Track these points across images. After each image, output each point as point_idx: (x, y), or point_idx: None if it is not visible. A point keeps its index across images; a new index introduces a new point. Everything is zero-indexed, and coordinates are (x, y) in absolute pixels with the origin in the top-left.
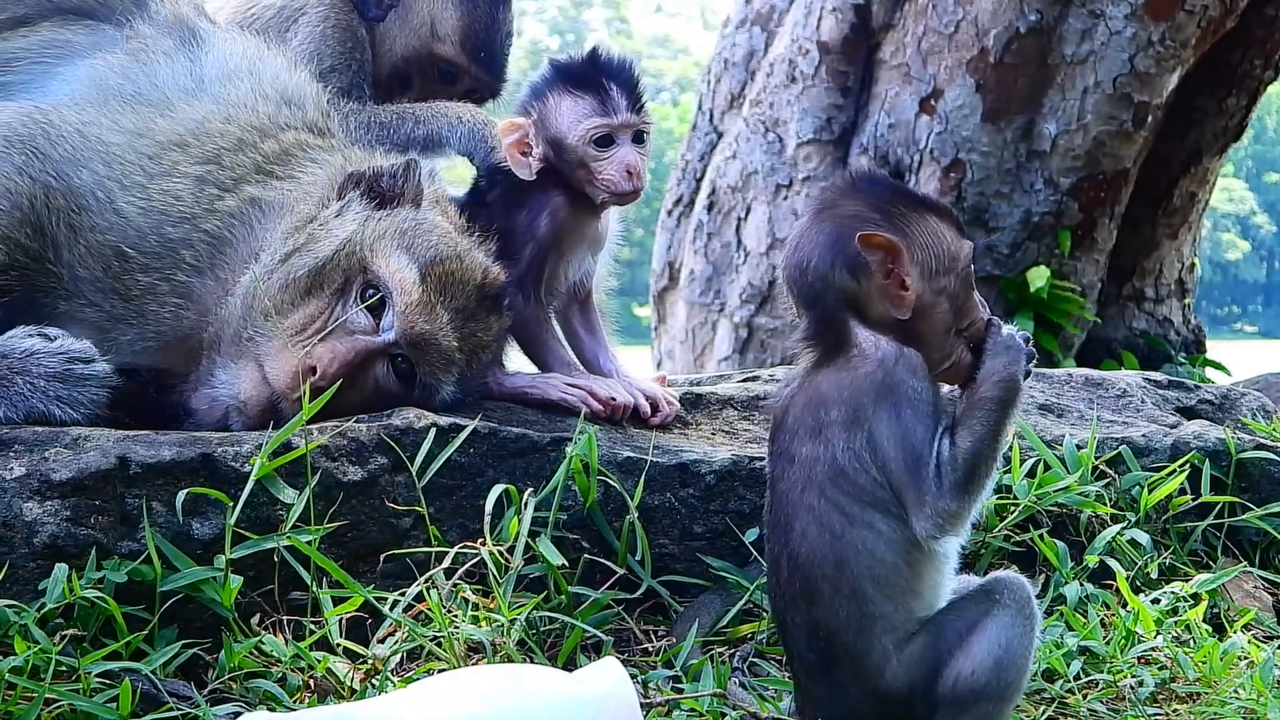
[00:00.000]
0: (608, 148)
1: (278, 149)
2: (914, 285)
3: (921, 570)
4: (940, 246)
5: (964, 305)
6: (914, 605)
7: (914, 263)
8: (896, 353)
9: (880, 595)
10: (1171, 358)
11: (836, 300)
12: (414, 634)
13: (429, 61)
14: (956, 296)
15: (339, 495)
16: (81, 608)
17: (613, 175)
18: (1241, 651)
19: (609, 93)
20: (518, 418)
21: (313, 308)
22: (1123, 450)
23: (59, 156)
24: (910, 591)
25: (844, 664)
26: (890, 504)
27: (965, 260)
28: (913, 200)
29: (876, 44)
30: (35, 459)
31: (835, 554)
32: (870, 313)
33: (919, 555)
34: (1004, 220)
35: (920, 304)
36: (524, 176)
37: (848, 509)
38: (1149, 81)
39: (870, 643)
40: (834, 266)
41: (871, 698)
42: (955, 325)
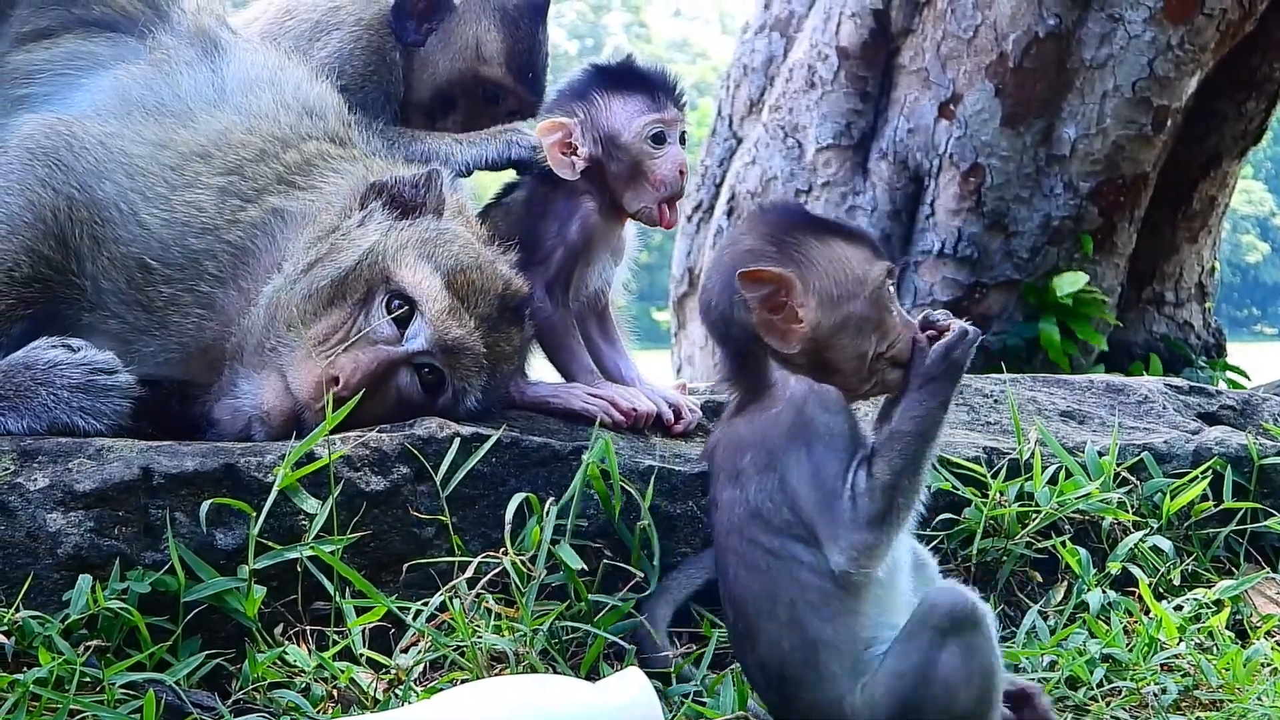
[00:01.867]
0: (661, 145)
1: (300, 159)
2: (810, 316)
3: (859, 591)
4: (842, 272)
5: (880, 328)
6: (858, 626)
7: (810, 292)
8: (806, 390)
9: (818, 620)
10: (1192, 361)
11: (742, 338)
12: (437, 644)
13: (474, 83)
14: (868, 320)
15: (362, 505)
16: (105, 618)
17: (668, 172)
18: (1265, 658)
19: (656, 90)
20: (540, 427)
21: (335, 318)
22: (1144, 457)
23: (82, 168)
24: (851, 612)
25: (801, 699)
26: (808, 536)
27: (875, 282)
28: (814, 227)
29: (895, 49)
30: (59, 470)
31: (766, 589)
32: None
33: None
34: (1023, 225)
35: (820, 334)
36: (567, 176)
37: (768, 545)
38: (1168, 85)
39: (819, 671)
40: (730, 304)
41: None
42: (874, 349)
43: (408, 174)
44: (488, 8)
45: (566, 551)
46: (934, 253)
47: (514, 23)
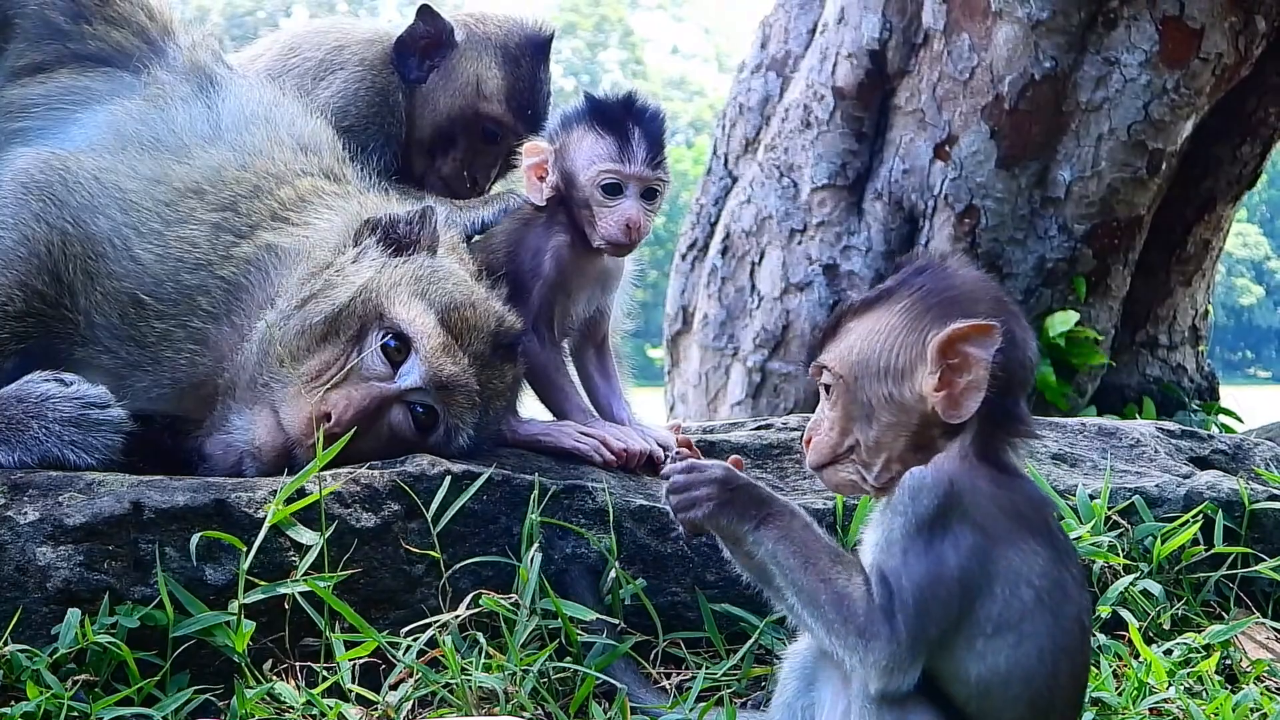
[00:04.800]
0: (615, 196)
1: (294, 195)
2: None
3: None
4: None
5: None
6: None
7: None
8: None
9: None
10: (1185, 405)
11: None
12: (426, 680)
13: (474, 121)
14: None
15: (352, 541)
16: (94, 653)
17: (609, 226)
18: (1254, 704)
19: (630, 140)
20: (531, 465)
21: (328, 354)
22: (1136, 500)
23: (76, 203)
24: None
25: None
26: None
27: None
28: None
29: (891, 90)
30: (49, 504)
31: None
32: None
33: None
34: (1018, 266)
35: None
36: (535, 201)
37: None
38: (1163, 129)
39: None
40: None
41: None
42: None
43: (402, 211)
44: (489, 46)
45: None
46: None
47: (515, 60)
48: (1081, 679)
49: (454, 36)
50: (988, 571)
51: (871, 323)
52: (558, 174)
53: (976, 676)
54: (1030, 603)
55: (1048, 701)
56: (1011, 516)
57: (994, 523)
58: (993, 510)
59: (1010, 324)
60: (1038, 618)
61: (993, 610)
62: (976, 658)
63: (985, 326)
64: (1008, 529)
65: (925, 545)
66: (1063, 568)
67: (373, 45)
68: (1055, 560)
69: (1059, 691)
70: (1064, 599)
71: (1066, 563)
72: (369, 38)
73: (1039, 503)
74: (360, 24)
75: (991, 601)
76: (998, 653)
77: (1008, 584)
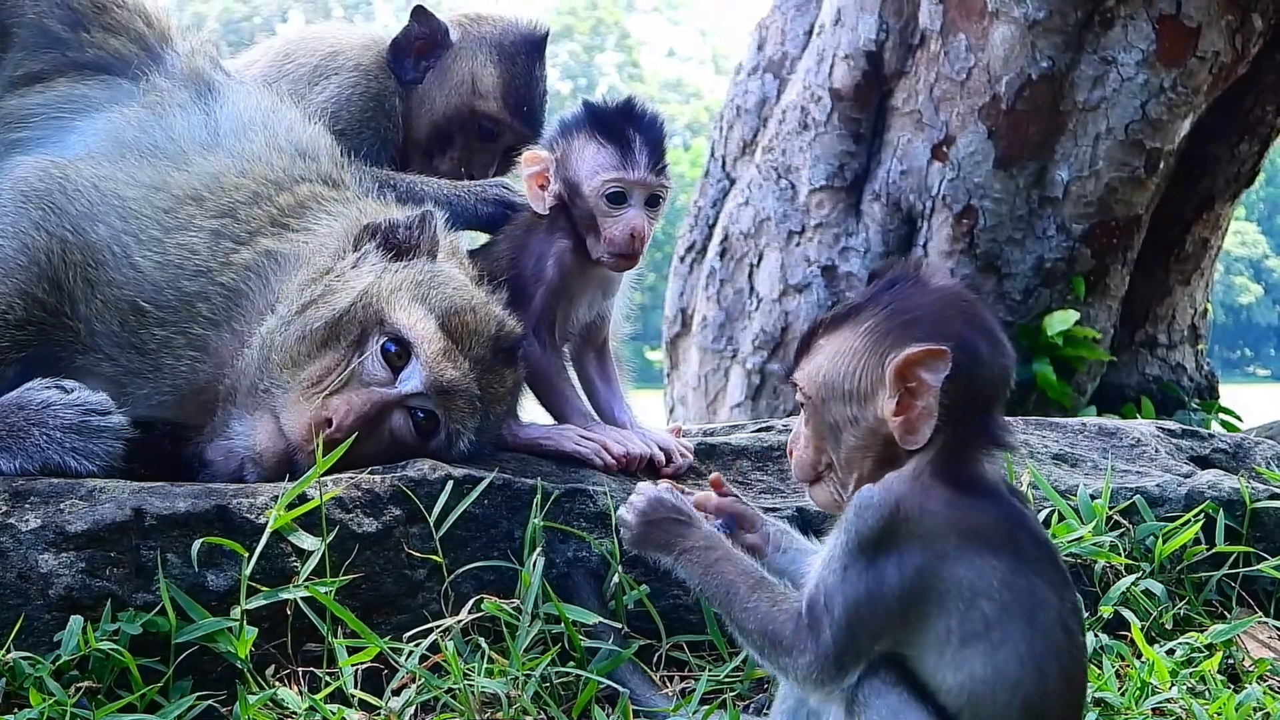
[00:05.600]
0: (619, 205)
1: (292, 201)
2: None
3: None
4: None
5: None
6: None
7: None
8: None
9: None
10: (1184, 404)
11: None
12: (429, 685)
13: (470, 119)
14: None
15: (354, 547)
16: (96, 659)
17: (616, 235)
18: (1257, 703)
19: (632, 147)
20: (532, 469)
21: (329, 359)
22: (1137, 500)
23: (76, 211)
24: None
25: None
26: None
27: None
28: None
29: (889, 91)
30: (51, 511)
31: None
32: None
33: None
34: (1016, 266)
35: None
36: (537, 209)
37: None
38: (1161, 128)
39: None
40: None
41: None
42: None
43: (401, 216)
44: (484, 44)
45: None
46: None
47: (510, 58)
48: (1077, 681)
49: (449, 36)
50: (936, 589)
51: (839, 342)
52: (560, 182)
53: (958, 685)
54: (993, 614)
55: (1040, 705)
56: (964, 534)
57: (942, 541)
58: (941, 529)
59: (973, 341)
60: (1008, 626)
61: (951, 624)
62: (951, 667)
63: (937, 351)
64: (959, 546)
65: (867, 563)
66: (1030, 576)
67: (368, 50)
68: (1017, 571)
69: (1052, 695)
70: (1036, 605)
71: (1036, 570)
72: (364, 43)
73: (1001, 518)
74: (355, 29)
75: (948, 615)
76: (973, 660)
77: (961, 599)
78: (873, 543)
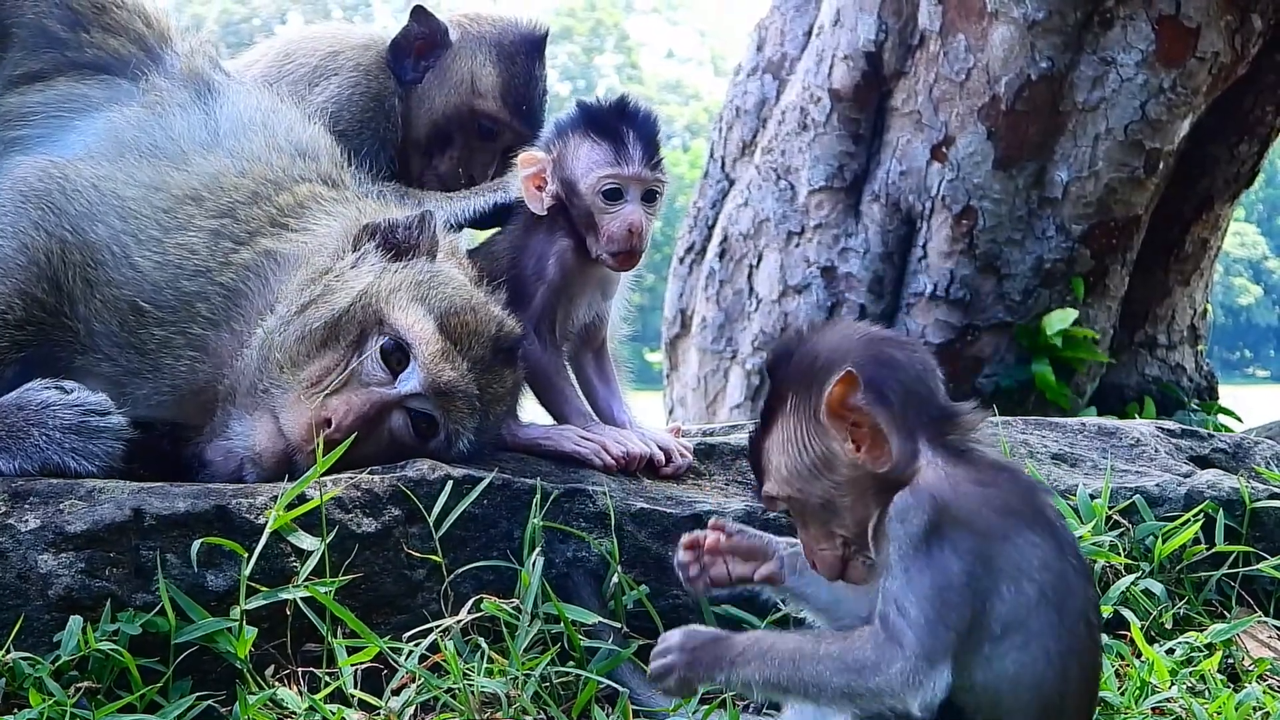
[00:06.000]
0: (616, 201)
1: (292, 201)
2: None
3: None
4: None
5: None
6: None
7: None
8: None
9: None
10: (1184, 404)
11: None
12: (429, 685)
13: (470, 118)
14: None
15: (353, 547)
16: (96, 660)
17: (615, 231)
18: (1257, 702)
19: (626, 144)
20: (531, 469)
21: (328, 360)
22: (1136, 500)
23: (75, 211)
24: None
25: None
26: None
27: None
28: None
29: (888, 91)
30: (50, 511)
31: None
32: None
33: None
34: (1016, 267)
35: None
36: (535, 210)
37: None
38: (1160, 128)
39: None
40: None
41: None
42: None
43: (401, 216)
44: (483, 44)
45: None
46: (926, 295)
47: (509, 58)
48: (1092, 682)
49: (448, 36)
50: (992, 570)
51: (777, 436)
52: (557, 182)
53: (983, 684)
54: (1034, 598)
55: (1059, 707)
56: (1003, 512)
57: (987, 521)
58: (982, 509)
59: (873, 350)
60: (1042, 615)
61: (1001, 610)
62: (983, 663)
63: (844, 377)
64: (1002, 525)
65: (925, 559)
66: (1064, 559)
67: (367, 50)
68: (1057, 552)
69: (1070, 697)
70: (1068, 593)
71: (1067, 553)
72: (363, 43)
73: (1027, 489)
74: (355, 30)
75: (1000, 601)
76: (1004, 657)
77: (1012, 581)
78: (924, 538)
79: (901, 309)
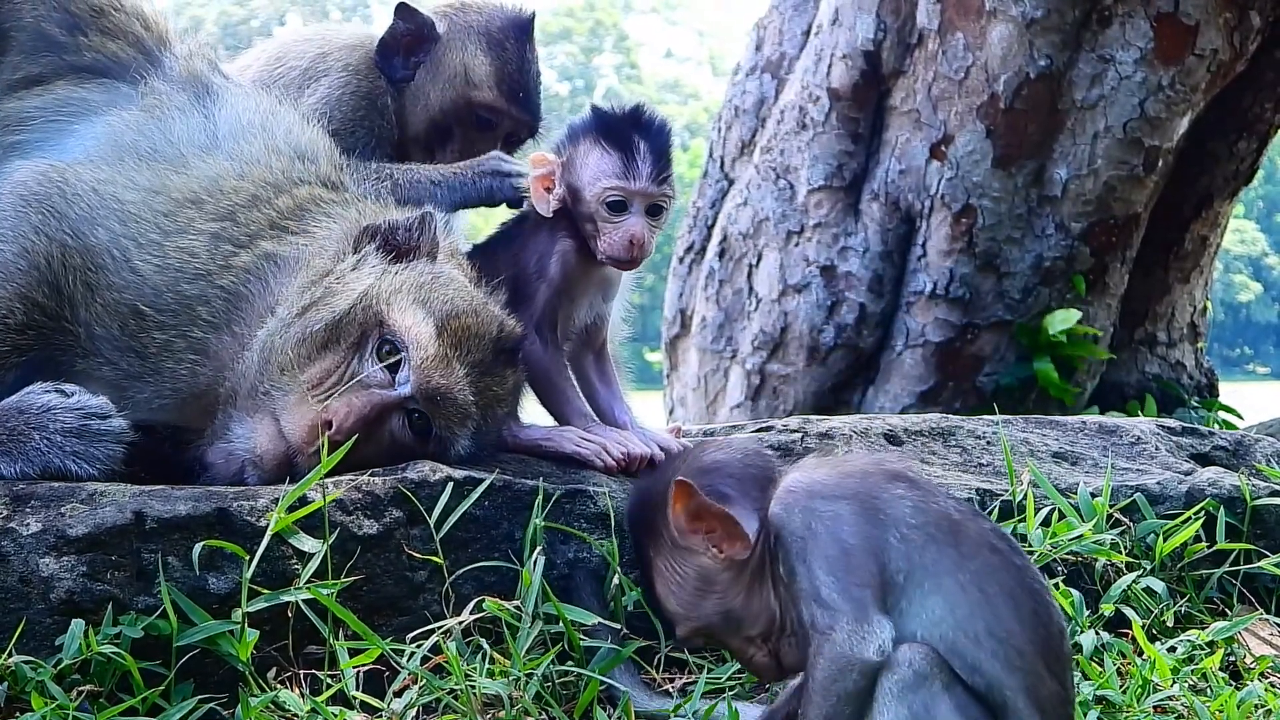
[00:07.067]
0: (620, 213)
1: (292, 204)
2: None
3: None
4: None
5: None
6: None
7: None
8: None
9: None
10: (1184, 402)
11: None
12: (431, 687)
13: (468, 110)
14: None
15: (355, 549)
16: (98, 663)
17: (614, 243)
18: (1259, 700)
19: (635, 156)
20: (532, 470)
21: (329, 362)
22: (1137, 498)
23: (75, 215)
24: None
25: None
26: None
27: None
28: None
29: (887, 90)
30: (51, 514)
31: None
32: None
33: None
34: (1015, 265)
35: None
36: (542, 212)
37: None
38: (1159, 126)
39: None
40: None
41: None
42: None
43: (401, 217)
44: (472, 34)
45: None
46: (926, 294)
47: (500, 45)
48: (1038, 601)
49: (435, 30)
50: (876, 523)
51: (659, 584)
52: (564, 187)
53: (925, 635)
54: (921, 541)
55: (1004, 632)
56: (861, 476)
57: (851, 487)
58: (843, 480)
59: (694, 460)
60: (935, 553)
61: (898, 560)
62: (910, 616)
63: (678, 493)
64: (866, 485)
65: (814, 541)
66: (938, 501)
67: (355, 50)
68: (928, 496)
69: (1023, 622)
70: (955, 529)
71: (940, 497)
72: (351, 43)
73: (877, 459)
74: (343, 30)
75: (893, 551)
76: (923, 601)
77: (894, 529)
78: (805, 525)
79: (901, 308)
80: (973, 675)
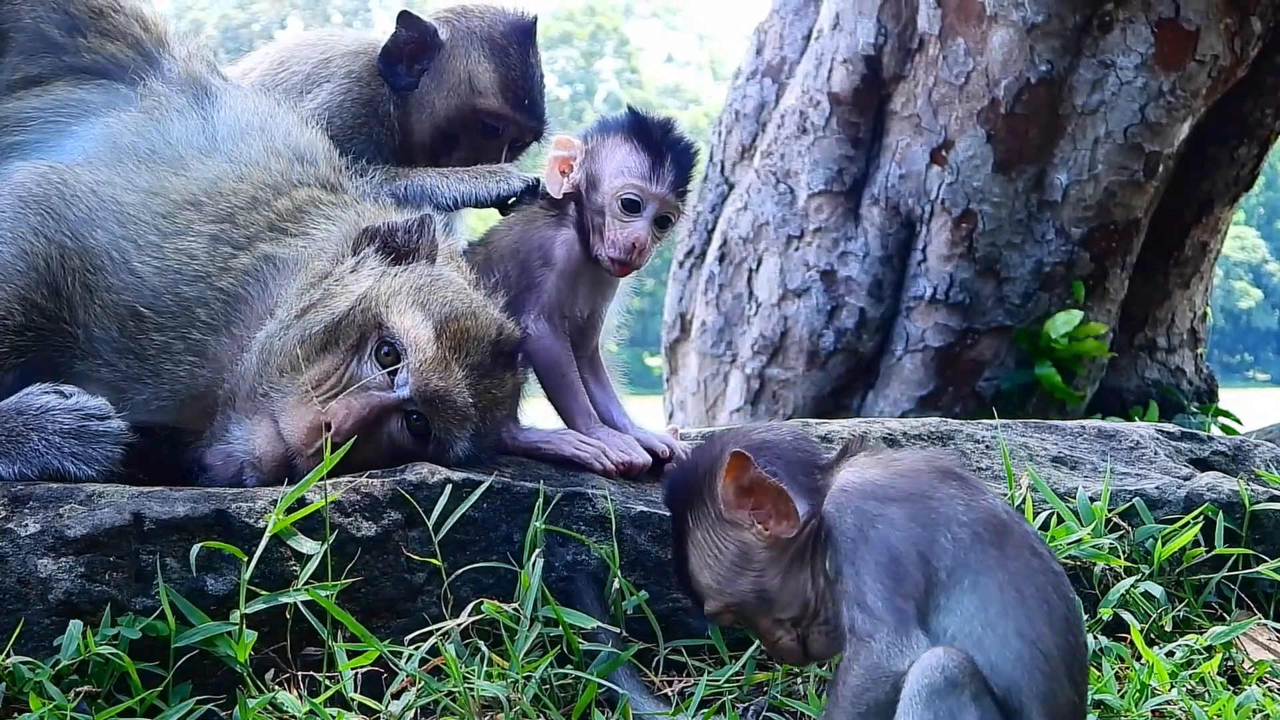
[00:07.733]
0: (631, 213)
1: (291, 206)
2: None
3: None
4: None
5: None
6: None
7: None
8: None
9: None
10: (1184, 407)
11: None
12: (429, 689)
13: (473, 117)
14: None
15: (353, 550)
16: (96, 664)
17: (617, 241)
18: (1257, 705)
19: (663, 162)
20: (531, 472)
21: (328, 364)
22: (1136, 502)
23: (74, 216)
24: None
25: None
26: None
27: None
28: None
29: (887, 95)
30: (50, 515)
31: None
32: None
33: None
34: (1015, 270)
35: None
36: (551, 193)
37: None
38: (1160, 131)
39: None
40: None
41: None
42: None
43: (400, 219)
44: (475, 40)
45: (559, 606)
46: (926, 299)
47: (503, 51)
48: (1066, 604)
49: (438, 37)
50: (926, 525)
51: (694, 556)
52: (583, 174)
53: (955, 633)
54: (969, 539)
55: (1033, 631)
56: (914, 475)
57: (905, 487)
58: (896, 480)
59: (746, 437)
60: (981, 552)
61: (945, 559)
62: (947, 611)
63: (732, 463)
64: (919, 485)
65: (866, 545)
66: (987, 500)
67: (358, 57)
68: (978, 495)
69: (1054, 625)
70: (1002, 529)
71: (988, 496)
72: (354, 49)
73: (929, 456)
74: (346, 36)
75: (941, 551)
76: (962, 598)
77: (945, 529)
78: (858, 528)
79: (901, 312)
80: (992, 675)
